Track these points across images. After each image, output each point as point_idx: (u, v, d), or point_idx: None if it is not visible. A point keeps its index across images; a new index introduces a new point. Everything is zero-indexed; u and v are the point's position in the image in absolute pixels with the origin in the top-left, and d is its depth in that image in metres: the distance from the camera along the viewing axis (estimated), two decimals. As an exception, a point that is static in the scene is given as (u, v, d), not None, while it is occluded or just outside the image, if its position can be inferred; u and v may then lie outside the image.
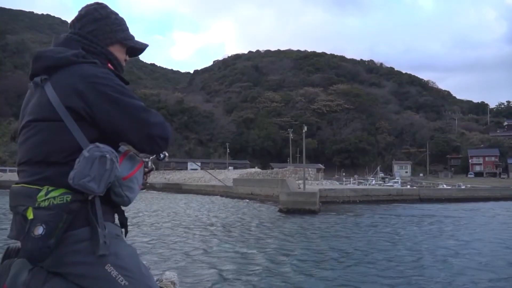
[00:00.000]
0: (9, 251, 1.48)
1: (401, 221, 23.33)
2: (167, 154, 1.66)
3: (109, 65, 1.61)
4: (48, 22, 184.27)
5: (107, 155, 1.35)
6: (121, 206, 1.55)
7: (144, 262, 1.54)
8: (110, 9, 1.69)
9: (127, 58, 1.74)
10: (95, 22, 1.62)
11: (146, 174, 1.60)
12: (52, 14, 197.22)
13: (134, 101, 1.47)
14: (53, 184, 1.37)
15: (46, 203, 1.32)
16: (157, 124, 1.48)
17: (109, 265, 1.37)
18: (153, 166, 1.64)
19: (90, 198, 1.38)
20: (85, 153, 1.35)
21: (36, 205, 1.32)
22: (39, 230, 1.29)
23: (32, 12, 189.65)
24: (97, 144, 1.38)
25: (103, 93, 1.43)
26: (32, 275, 1.37)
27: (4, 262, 1.45)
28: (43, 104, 1.44)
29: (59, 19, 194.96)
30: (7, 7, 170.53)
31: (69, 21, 1.73)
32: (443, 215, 27.10)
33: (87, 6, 1.67)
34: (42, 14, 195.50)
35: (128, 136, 1.47)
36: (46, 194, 1.34)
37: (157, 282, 2.23)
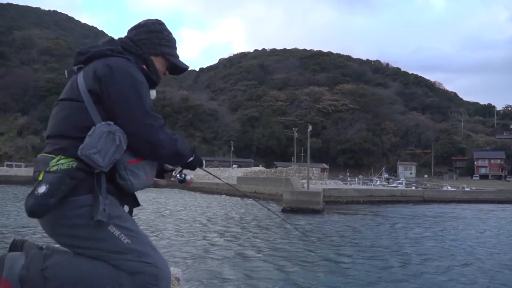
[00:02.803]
0: (15, 243, 1.61)
1: (406, 222, 23.27)
2: (187, 177, 1.75)
3: (144, 65, 1.72)
4: (55, 18, 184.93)
5: (116, 132, 1.47)
6: (131, 197, 1.67)
7: None
8: (166, 27, 1.85)
9: (167, 73, 1.87)
10: (148, 33, 1.78)
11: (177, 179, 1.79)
12: (59, 11, 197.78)
13: (142, 100, 1.56)
14: (65, 154, 1.50)
15: (55, 168, 1.46)
16: (149, 126, 1.54)
17: (112, 225, 1.49)
18: (185, 176, 1.78)
19: (96, 171, 1.49)
20: (95, 127, 1.48)
21: (48, 169, 1.46)
22: (42, 189, 1.41)
23: (39, 8, 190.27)
24: (108, 122, 1.51)
25: (118, 82, 1.55)
26: (31, 258, 1.50)
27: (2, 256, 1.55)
28: (72, 87, 1.61)
29: (66, 15, 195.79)
30: (15, 2, 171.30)
31: (75, 17, 1.86)
32: (451, 215, 27.01)
33: (149, 20, 1.85)
34: (49, 10, 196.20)
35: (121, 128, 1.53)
36: (57, 161, 1.48)
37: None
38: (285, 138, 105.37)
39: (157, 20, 1.85)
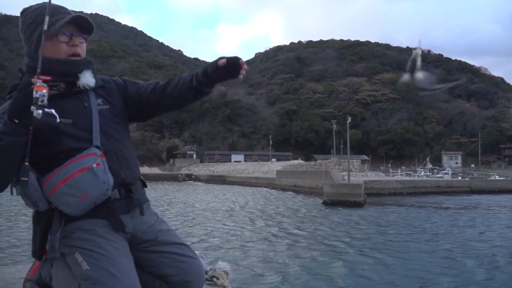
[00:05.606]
0: None
1: (460, 212, 22.49)
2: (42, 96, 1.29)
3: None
4: (97, 20, 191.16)
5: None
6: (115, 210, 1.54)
7: (197, 252, 1.63)
8: (27, 10, 1.57)
9: (78, 40, 1.56)
10: (22, 33, 1.57)
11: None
12: (100, 13, 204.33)
13: None
14: None
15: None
16: None
17: (78, 252, 1.46)
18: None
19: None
20: None
21: None
22: None
23: (82, 12, 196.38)
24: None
25: None
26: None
27: None
28: None
29: (107, 17, 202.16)
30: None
31: (116, 19, 1.56)
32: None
33: None
34: (91, 13, 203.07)
35: None
36: None
37: (210, 271, 2.32)
38: (323, 131, 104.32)
39: (20, 13, 1.60)
